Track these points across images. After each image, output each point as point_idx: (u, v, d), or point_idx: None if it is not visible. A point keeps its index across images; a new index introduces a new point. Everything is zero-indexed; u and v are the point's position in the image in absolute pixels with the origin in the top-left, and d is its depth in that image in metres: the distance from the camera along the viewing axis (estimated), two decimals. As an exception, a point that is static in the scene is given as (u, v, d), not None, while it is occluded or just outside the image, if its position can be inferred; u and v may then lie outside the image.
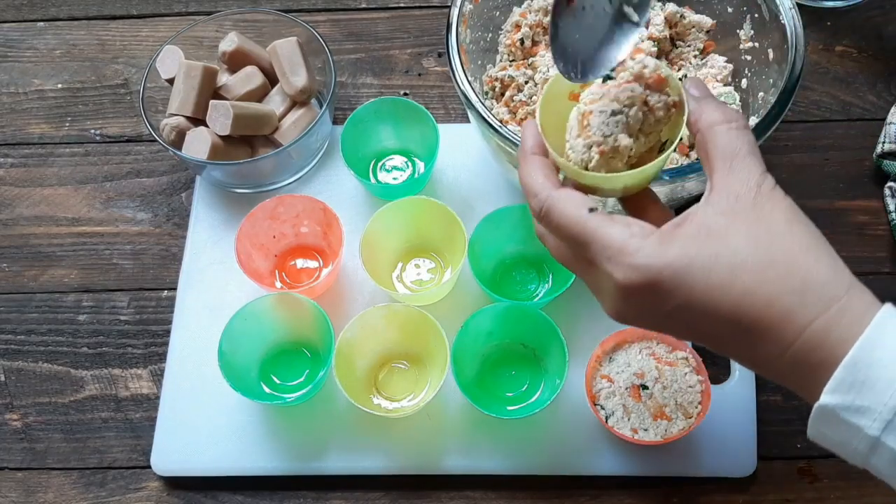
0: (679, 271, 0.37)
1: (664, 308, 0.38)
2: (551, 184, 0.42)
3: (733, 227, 0.38)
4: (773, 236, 0.37)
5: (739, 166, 0.39)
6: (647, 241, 0.38)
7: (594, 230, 0.39)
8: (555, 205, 0.41)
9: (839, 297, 0.36)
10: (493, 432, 0.61)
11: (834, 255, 0.38)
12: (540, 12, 0.68)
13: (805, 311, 0.36)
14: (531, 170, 0.43)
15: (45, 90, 0.80)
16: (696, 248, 0.37)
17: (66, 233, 0.73)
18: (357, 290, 0.67)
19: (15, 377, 0.67)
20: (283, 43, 0.71)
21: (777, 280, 0.36)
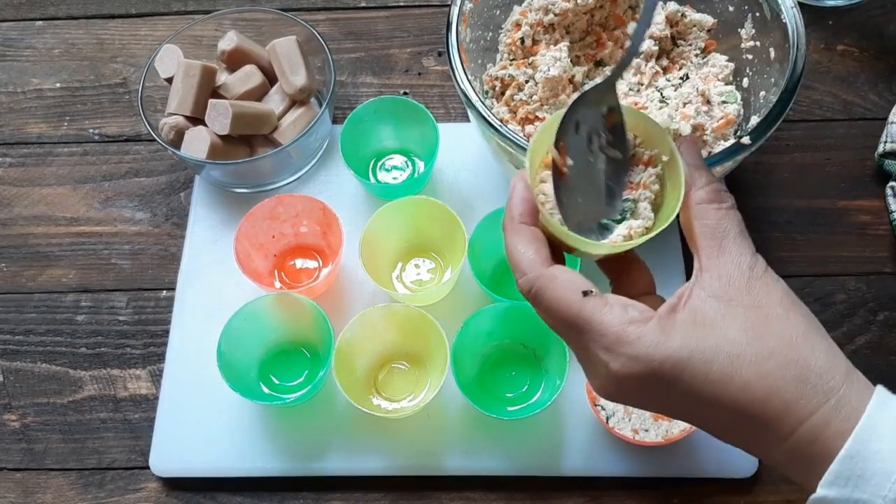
0: (679, 364, 0.36)
1: (660, 397, 0.38)
2: (541, 260, 0.39)
3: (730, 314, 0.37)
4: (769, 324, 0.37)
5: (730, 248, 0.39)
6: (645, 330, 0.37)
7: (589, 317, 0.38)
8: (546, 286, 0.39)
9: (837, 387, 0.36)
10: (493, 432, 0.61)
11: (829, 339, 0.38)
12: (540, 11, 0.68)
13: (804, 404, 0.35)
14: (519, 243, 0.40)
15: (44, 89, 0.80)
16: (695, 340, 0.36)
17: (64, 232, 0.72)
18: (357, 290, 0.67)
19: (13, 377, 0.67)
20: (282, 42, 0.70)
21: (776, 372, 0.36)
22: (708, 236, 0.39)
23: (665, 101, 0.64)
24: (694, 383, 0.36)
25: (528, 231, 0.40)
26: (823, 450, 0.35)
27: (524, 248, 0.40)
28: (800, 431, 0.35)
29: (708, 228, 0.39)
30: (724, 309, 0.37)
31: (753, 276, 0.38)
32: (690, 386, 0.36)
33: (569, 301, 0.38)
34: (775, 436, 0.36)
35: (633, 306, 0.38)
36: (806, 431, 0.35)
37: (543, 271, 0.39)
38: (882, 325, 0.66)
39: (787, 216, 0.70)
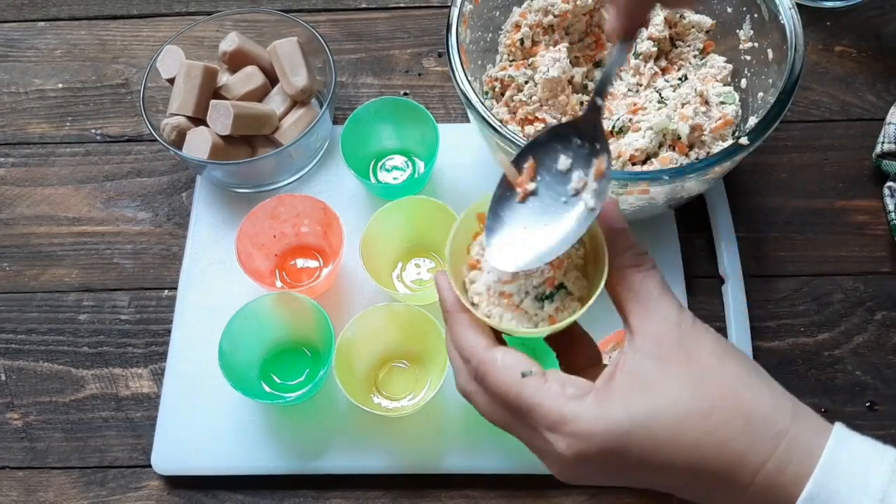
0: (623, 435, 0.36)
1: (616, 470, 0.38)
2: (482, 345, 0.40)
3: (666, 373, 0.37)
4: (706, 378, 0.37)
5: (655, 307, 0.39)
6: (584, 405, 0.37)
7: (529, 398, 0.37)
8: (487, 371, 0.39)
9: (785, 430, 0.36)
10: (493, 432, 0.61)
11: (769, 381, 0.38)
12: (540, 12, 0.68)
13: (755, 454, 0.35)
14: (457, 331, 0.41)
15: (46, 90, 0.80)
16: (635, 406, 0.36)
17: (66, 232, 0.73)
18: (357, 290, 0.68)
19: (16, 376, 0.67)
20: (283, 43, 0.71)
21: (721, 426, 0.36)
22: (633, 300, 0.39)
23: (664, 102, 0.65)
24: (643, 451, 0.36)
25: (466, 319, 0.41)
26: (785, 493, 0.35)
27: (464, 334, 0.40)
28: (758, 480, 0.35)
29: (632, 293, 0.39)
30: (660, 368, 0.37)
31: (682, 331, 0.38)
32: (640, 454, 0.36)
33: (508, 383, 0.38)
34: (735, 488, 0.36)
35: (571, 382, 0.38)
36: (763, 479, 0.35)
37: (484, 355, 0.39)
38: (880, 324, 0.66)
39: (785, 216, 0.71)
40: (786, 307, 0.67)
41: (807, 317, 0.67)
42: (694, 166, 0.55)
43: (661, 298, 0.39)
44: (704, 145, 0.63)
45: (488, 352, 0.39)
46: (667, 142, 0.63)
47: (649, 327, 0.38)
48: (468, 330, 0.41)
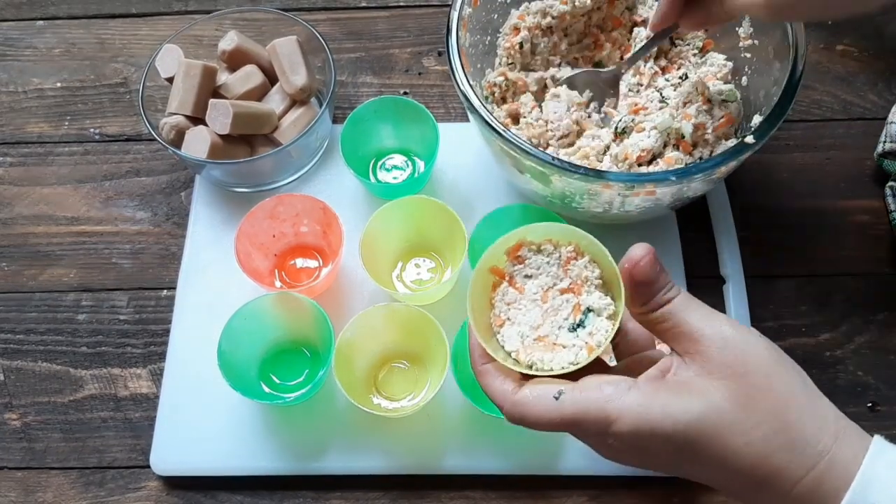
0: (666, 434, 0.37)
1: (654, 461, 0.39)
2: (510, 388, 0.41)
3: (713, 385, 0.38)
4: (753, 395, 0.37)
5: (699, 332, 0.39)
6: (625, 403, 0.38)
7: (571, 416, 0.39)
8: (524, 411, 0.40)
9: (827, 450, 0.37)
10: (493, 432, 0.61)
11: (816, 398, 0.39)
12: (538, 14, 0.68)
13: (794, 468, 0.36)
14: (487, 382, 0.42)
15: (45, 89, 0.80)
16: (678, 409, 0.37)
17: (65, 232, 0.72)
18: (357, 290, 0.67)
19: (14, 376, 0.67)
20: (282, 42, 0.70)
21: (763, 440, 0.37)
22: (674, 332, 0.40)
23: (665, 101, 0.64)
24: (682, 450, 0.37)
25: (491, 368, 0.42)
26: (825, 503, 0.36)
27: (493, 382, 0.42)
28: (796, 491, 0.36)
29: (671, 325, 0.40)
30: (707, 380, 0.38)
31: (729, 347, 0.38)
32: (679, 452, 0.38)
33: (548, 412, 0.39)
34: (774, 495, 0.37)
35: (606, 382, 0.39)
36: (800, 492, 0.36)
37: (515, 399, 0.41)
38: (881, 324, 0.66)
39: (786, 216, 0.71)
40: (787, 307, 0.67)
41: (808, 317, 0.66)
42: (700, 166, 0.55)
43: (699, 320, 0.39)
44: (708, 144, 0.63)
45: (518, 394, 0.41)
46: (671, 141, 0.63)
47: (697, 349, 0.39)
48: (495, 378, 0.42)
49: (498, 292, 0.45)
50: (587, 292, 0.43)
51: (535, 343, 0.43)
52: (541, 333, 0.43)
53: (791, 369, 0.39)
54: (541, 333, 0.43)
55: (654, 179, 0.54)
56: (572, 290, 0.43)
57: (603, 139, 0.63)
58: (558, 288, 0.44)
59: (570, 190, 0.59)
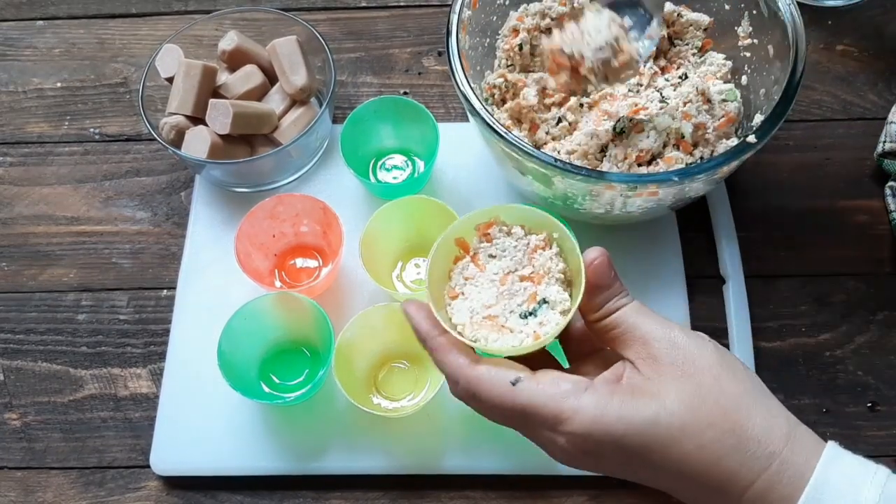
0: (618, 438, 0.37)
1: (609, 465, 0.39)
2: (466, 363, 0.41)
3: (665, 388, 0.38)
4: (703, 396, 0.37)
5: (647, 335, 0.40)
6: (580, 403, 0.38)
7: (524, 404, 0.39)
8: (479, 389, 0.40)
9: (778, 451, 0.36)
10: (493, 432, 0.61)
11: (767, 401, 0.38)
12: (537, 15, 0.68)
13: (746, 472, 0.36)
14: (440, 356, 0.42)
15: (45, 89, 0.80)
16: (632, 411, 0.37)
17: (65, 232, 0.72)
18: (357, 290, 0.67)
19: (14, 376, 0.67)
20: (282, 42, 0.70)
21: (714, 443, 0.37)
22: (624, 335, 0.40)
23: (665, 101, 0.64)
24: (636, 455, 0.37)
25: (444, 341, 0.42)
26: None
27: (448, 358, 0.41)
28: (747, 496, 0.36)
29: (620, 330, 0.40)
30: (660, 383, 0.38)
31: (678, 349, 0.38)
32: (633, 457, 0.38)
33: (501, 395, 0.39)
34: (725, 501, 0.37)
35: (564, 379, 0.39)
36: (753, 496, 0.36)
37: (470, 374, 0.40)
38: (881, 324, 0.66)
39: (787, 216, 0.71)
40: (787, 307, 0.67)
41: (808, 317, 0.66)
42: (702, 166, 0.55)
43: (650, 325, 0.40)
44: (709, 143, 0.63)
45: (473, 369, 0.40)
46: (671, 141, 0.63)
47: (648, 352, 0.39)
48: (449, 353, 0.41)
49: (458, 265, 0.45)
50: (546, 284, 0.43)
51: (484, 321, 0.43)
52: (491, 313, 0.43)
53: (740, 370, 0.39)
54: (491, 313, 0.43)
55: (656, 180, 0.54)
56: (532, 279, 0.43)
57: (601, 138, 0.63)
58: (519, 274, 0.44)
59: (571, 191, 0.59)
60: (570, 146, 0.64)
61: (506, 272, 0.44)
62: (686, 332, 0.39)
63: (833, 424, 0.62)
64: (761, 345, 0.65)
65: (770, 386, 0.64)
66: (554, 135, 0.66)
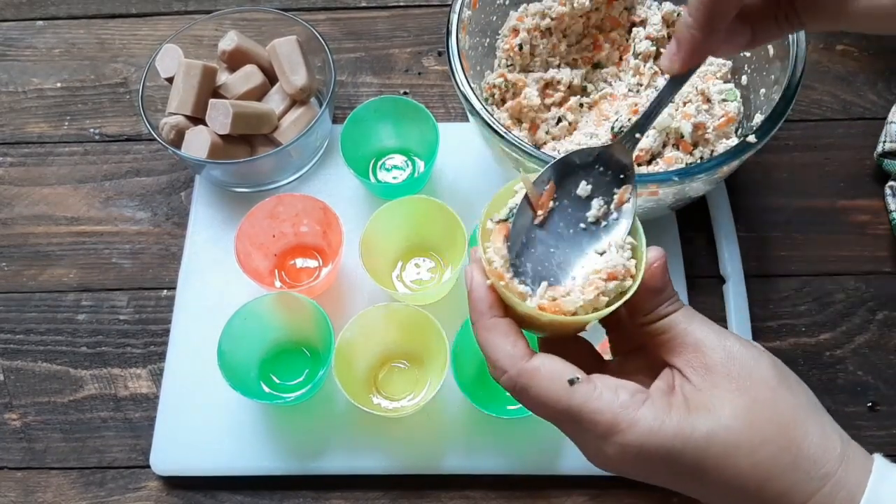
0: (673, 452, 0.36)
1: (656, 476, 0.38)
2: (521, 354, 0.38)
3: (721, 401, 0.37)
4: (758, 410, 0.36)
5: (701, 344, 0.38)
6: (638, 416, 0.36)
7: (579, 407, 0.37)
8: (530, 382, 0.37)
9: (832, 472, 0.36)
10: (493, 432, 0.61)
11: (822, 416, 0.37)
12: (537, 16, 0.68)
13: (798, 492, 0.35)
14: (494, 338, 0.38)
15: (45, 89, 0.80)
16: (689, 427, 0.36)
17: (65, 232, 0.72)
18: (357, 290, 0.67)
19: (14, 377, 0.67)
20: (282, 42, 0.70)
21: (768, 460, 0.36)
22: (676, 343, 0.39)
23: (665, 101, 0.64)
24: (689, 469, 0.36)
25: (502, 324, 0.39)
26: None
27: (500, 342, 0.38)
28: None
29: (671, 336, 0.39)
30: (716, 396, 0.37)
31: (733, 360, 0.37)
32: (686, 471, 0.36)
33: (557, 394, 0.37)
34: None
35: (622, 388, 0.37)
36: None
37: (525, 365, 0.38)
38: (881, 324, 0.66)
39: (786, 216, 0.71)
40: (787, 307, 0.67)
41: (808, 317, 0.66)
42: (703, 166, 0.55)
43: (703, 332, 0.38)
44: (708, 143, 0.63)
45: (528, 362, 0.38)
46: (670, 141, 0.63)
47: (702, 361, 0.38)
48: (504, 338, 0.38)
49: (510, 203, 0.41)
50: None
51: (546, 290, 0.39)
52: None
53: (795, 384, 0.38)
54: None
55: (656, 180, 0.54)
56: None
57: (601, 137, 0.63)
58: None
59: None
60: (570, 146, 0.64)
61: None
62: (742, 342, 0.38)
63: (833, 424, 0.62)
64: (761, 344, 0.65)
65: (770, 386, 0.64)
66: (554, 135, 0.66)
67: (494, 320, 0.38)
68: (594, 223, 0.40)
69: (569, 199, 0.41)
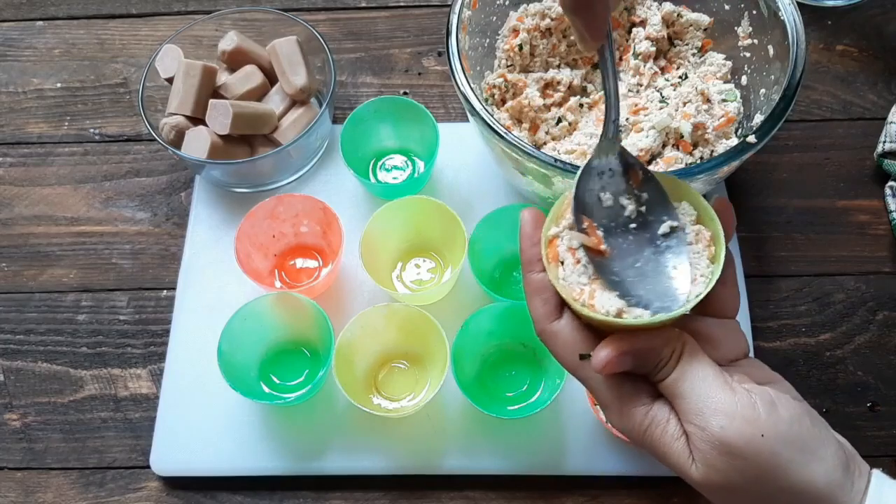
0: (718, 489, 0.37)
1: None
2: (547, 314, 0.39)
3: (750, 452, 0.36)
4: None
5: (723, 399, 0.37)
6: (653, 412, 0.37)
7: (586, 380, 0.39)
8: (548, 342, 0.39)
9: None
10: (493, 432, 0.61)
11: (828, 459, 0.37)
12: (537, 16, 0.68)
13: None
14: (530, 294, 0.40)
15: (45, 89, 0.80)
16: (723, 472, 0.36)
17: (65, 232, 0.72)
18: (357, 290, 0.67)
19: (14, 377, 0.67)
20: (282, 42, 0.70)
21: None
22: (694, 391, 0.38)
23: (665, 101, 0.64)
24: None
25: (537, 281, 0.40)
26: None
27: (535, 300, 0.40)
28: None
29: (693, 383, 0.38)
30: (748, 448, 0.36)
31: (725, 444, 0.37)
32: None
33: (568, 363, 0.39)
34: None
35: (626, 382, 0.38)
36: None
37: (546, 327, 0.39)
38: (881, 324, 0.66)
39: (787, 216, 0.71)
40: (787, 307, 0.67)
41: (808, 317, 0.66)
42: (703, 166, 0.55)
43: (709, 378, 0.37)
44: (708, 143, 0.63)
45: (551, 324, 0.39)
46: (670, 141, 0.63)
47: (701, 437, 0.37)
48: (536, 295, 0.40)
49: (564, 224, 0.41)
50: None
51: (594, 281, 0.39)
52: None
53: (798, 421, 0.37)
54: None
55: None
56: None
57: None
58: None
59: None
60: (570, 146, 0.64)
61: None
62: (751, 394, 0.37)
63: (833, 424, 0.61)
64: (761, 345, 0.65)
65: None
66: (554, 135, 0.66)
67: (532, 276, 0.40)
68: (636, 216, 0.40)
69: (609, 218, 0.40)
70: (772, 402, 0.36)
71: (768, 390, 0.37)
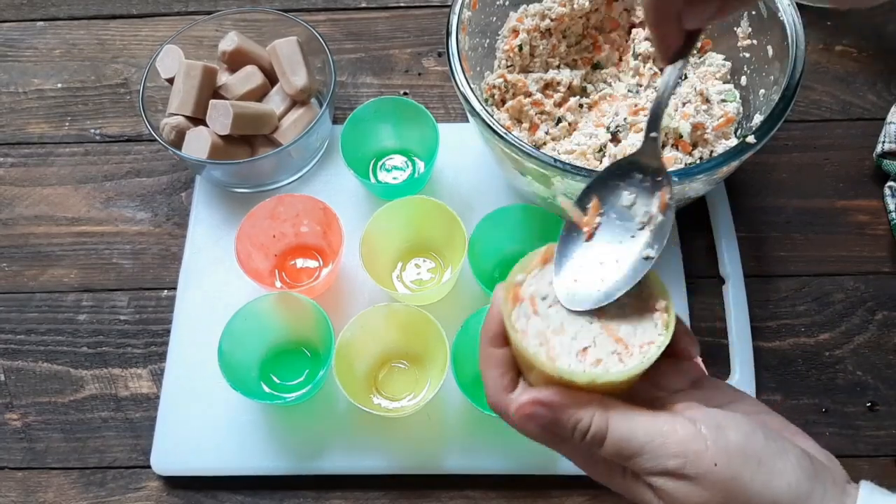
0: None
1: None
2: (503, 387, 0.40)
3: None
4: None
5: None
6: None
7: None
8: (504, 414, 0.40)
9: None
10: (493, 432, 0.61)
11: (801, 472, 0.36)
12: (537, 16, 0.68)
13: None
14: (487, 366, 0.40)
15: (45, 90, 0.80)
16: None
17: (65, 232, 0.73)
18: (357, 290, 0.67)
19: (15, 377, 0.67)
20: (282, 42, 0.71)
21: None
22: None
23: (664, 102, 0.64)
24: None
25: (497, 355, 0.40)
26: None
27: (489, 371, 0.40)
28: None
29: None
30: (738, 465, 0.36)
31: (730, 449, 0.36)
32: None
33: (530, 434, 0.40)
34: None
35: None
36: None
37: (502, 399, 0.40)
38: (880, 324, 0.66)
39: (786, 216, 0.71)
40: (786, 307, 0.67)
41: (807, 317, 0.66)
42: (702, 166, 0.55)
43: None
44: (708, 144, 0.63)
45: (506, 396, 0.40)
46: (669, 141, 0.63)
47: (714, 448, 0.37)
48: (494, 367, 0.40)
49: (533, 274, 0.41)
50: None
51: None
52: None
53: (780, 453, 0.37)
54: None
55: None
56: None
57: (600, 137, 0.63)
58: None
59: (571, 191, 0.59)
60: (569, 146, 0.64)
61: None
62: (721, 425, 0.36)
63: (832, 424, 0.63)
64: (761, 345, 0.65)
65: (769, 386, 0.64)
66: (554, 135, 0.66)
67: (491, 350, 0.40)
68: (642, 229, 0.40)
69: (615, 211, 0.41)
70: (718, 426, 0.36)
71: (716, 414, 0.37)
